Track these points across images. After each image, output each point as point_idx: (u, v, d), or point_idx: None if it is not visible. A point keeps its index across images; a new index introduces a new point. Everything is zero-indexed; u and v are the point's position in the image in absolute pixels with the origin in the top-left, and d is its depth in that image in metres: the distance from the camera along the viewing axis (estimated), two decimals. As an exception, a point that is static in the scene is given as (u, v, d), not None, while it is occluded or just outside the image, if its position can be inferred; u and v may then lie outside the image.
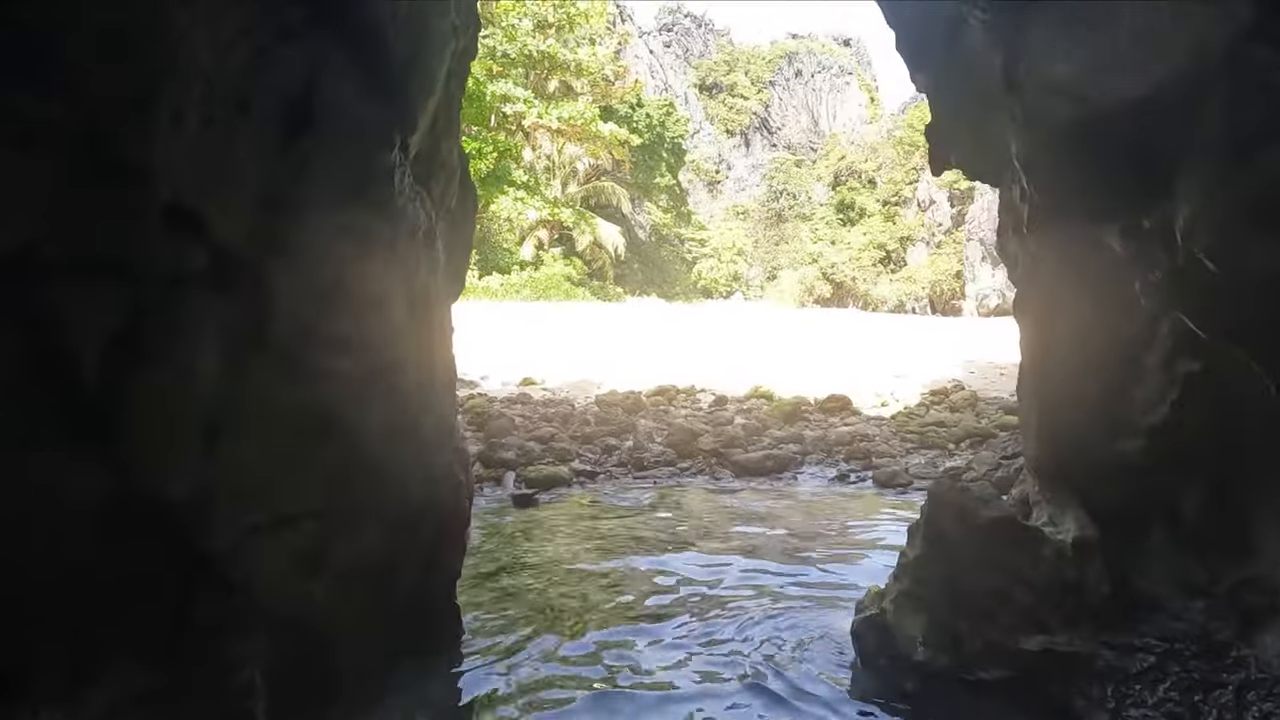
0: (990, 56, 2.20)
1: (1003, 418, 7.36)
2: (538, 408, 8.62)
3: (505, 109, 28.02)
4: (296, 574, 2.20)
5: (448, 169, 3.07)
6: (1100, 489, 2.53)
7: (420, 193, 2.64)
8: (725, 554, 3.82)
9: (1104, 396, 2.47)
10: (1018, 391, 3.01)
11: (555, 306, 23.92)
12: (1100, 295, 2.42)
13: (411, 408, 2.51)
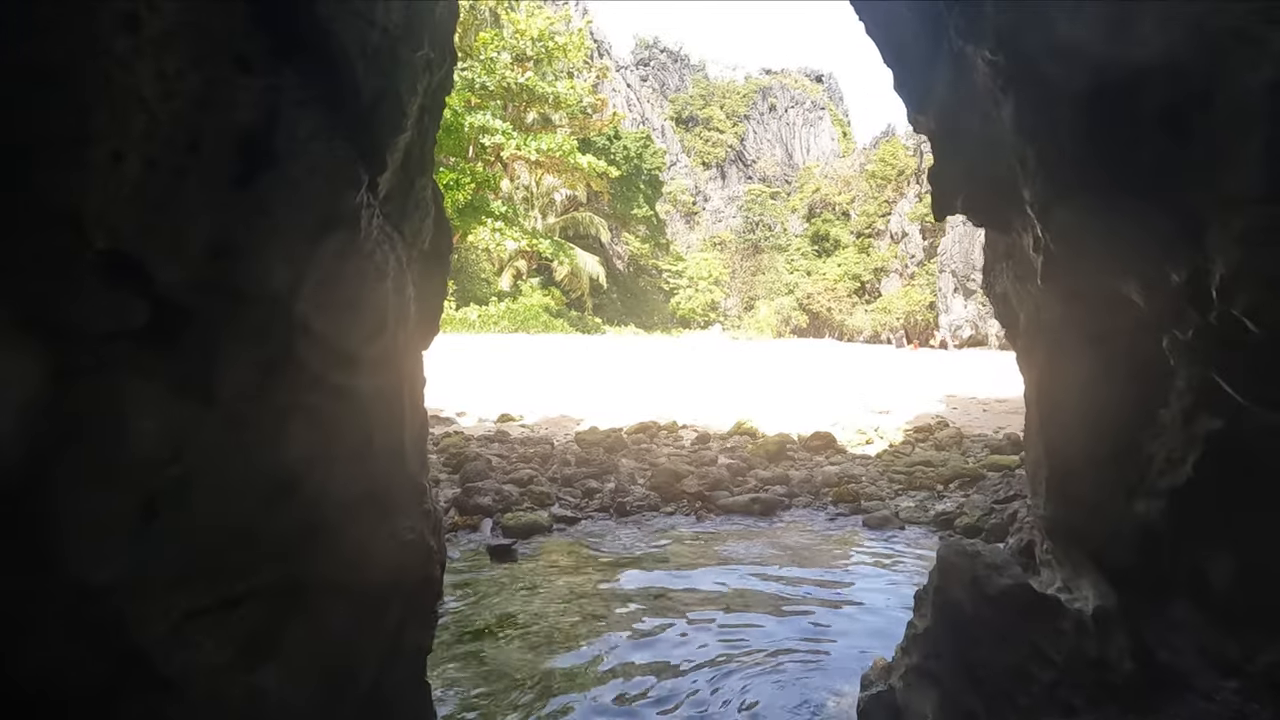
0: (999, 100, 2.09)
1: (990, 457, 7.26)
2: (516, 446, 8.36)
3: (484, 140, 28.05)
4: (242, 665, 1.95)
5: (421, 208, 2.88)
6: (1118, 553, 2.37)
7: (390, 235, 2.45)
8: (716, 610, 3.60)
9: (1118, 455, 2.32)
10: (1024, 444, 2.86)
11: (533, 339, 23.70)
12: (1114, 349, 2.29)
13: (379, 469, 2.28)
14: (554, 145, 28.03)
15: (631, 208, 53.69)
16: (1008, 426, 8.77)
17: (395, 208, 2.70)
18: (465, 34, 30.54)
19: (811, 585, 3.94)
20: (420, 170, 2.92)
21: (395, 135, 2.37)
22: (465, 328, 24.75)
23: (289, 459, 2.06)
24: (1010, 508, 5.13)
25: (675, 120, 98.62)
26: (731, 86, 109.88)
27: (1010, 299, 4.16)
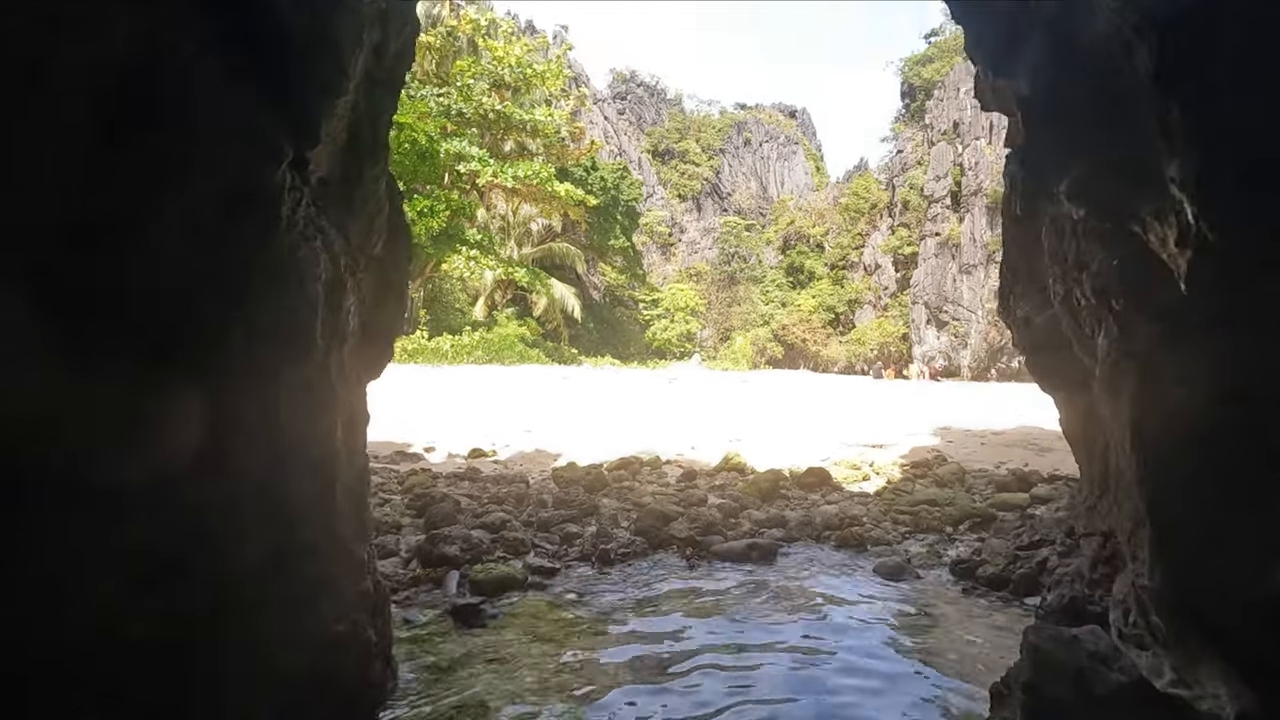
0: (1132, 45, 1.62)
1: (997, 495, 6.81)
2: (488, 485, 7.72)
3: (459, 168, 27.61)
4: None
5: (372, 203, 2.34)
6: (1255, 641, 1.87)
7: (325, 231, 1.90)
8: (724, 691, 3.01)
9: (1261, 517, 1.83)
10: (1116, 491, 2.36)
11: (508, 370, 23.02)
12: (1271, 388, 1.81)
13: (298, 539, 1.70)
14: (531, 172, 27.68)
15: (608, 238, 53.61)
16: (1008, 461, 8.36)
17: (336, 199, 2.15)
18: (443, 61, 30.32)
19: (834, 655, 3.38)
20: (372, 158, 2.37)
21: (332, 97, 1.83)
22: (438, 358, 23.99)
23: (166, 536, 1.48)
24: (1037, 555, 4.63)
25: (652, 153, 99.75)
26: (707, 120, 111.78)
27: (1058, 322, 3.69)
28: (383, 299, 2.50)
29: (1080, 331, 3.09)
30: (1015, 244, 5.08)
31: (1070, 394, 4.81)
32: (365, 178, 2.27)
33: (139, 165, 1.48)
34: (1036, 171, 2.22)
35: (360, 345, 2.27)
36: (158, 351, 1.48)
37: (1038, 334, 4.87)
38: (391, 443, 10.26)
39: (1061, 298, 3.20)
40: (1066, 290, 3.14)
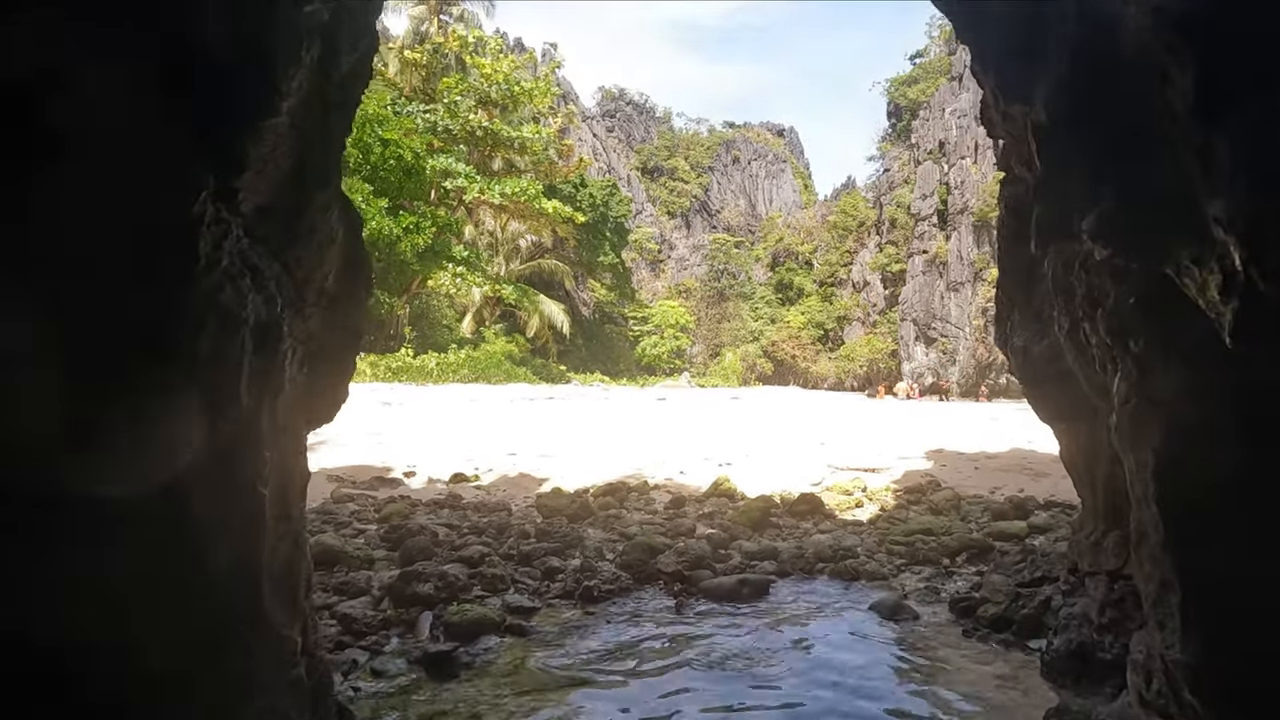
0: (1172, 71, 1.44)
1: (994, 524, 6.62)
2: (468, 514, 7.45)
3: (446, 184, 27.46)
4: None
5: (319, 234, 2.12)
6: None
7: (258, 268, 1.68)
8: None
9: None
10: (1138, 550, 2.16)
11: (494, 390, 22.74)
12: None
13: (211, 627, 1.46)
14: (518, 189, 27.57)
15: (597, 255, 53.60)
16: (1003, 487, 8.18)
17: (278, 228, 1.94)
18: (430, 78, 30.26)
19: (829, 709, 3.15)
20: (321, 183, 2.16)
21: (261, 117, 1.62)
22: (423, 376, 23.66)
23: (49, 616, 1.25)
24: (1040, 594, 4.43)
25: (641, 170, 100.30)
26: (696, 138, 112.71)
27: (1057, 351, 3.52)
28: (334, 337, 2.28)
29: (1088, 369, 2.91)
30: (1012, 270, 4.92)
31: (1071, 425, 4.63)
32: (313, 205, 2.06)
33: (40, 200, 1.26)
34: (1056, 204, 2.04)
35: (305, 392, 2.05)
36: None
37: (1036, 363, 4.69)
38: (370, 467, 9.97)
39: (1067, 331, 3.03)
40: (1073, 324, 2.96)
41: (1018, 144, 2.65)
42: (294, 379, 1.87)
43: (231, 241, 1.61)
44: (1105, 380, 2.72)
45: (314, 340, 2.19)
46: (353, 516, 7.31)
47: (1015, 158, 3.59)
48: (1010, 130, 2.26)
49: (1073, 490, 8.05)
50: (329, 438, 11.98)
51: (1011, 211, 4.98)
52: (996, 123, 2.74)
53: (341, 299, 2.38)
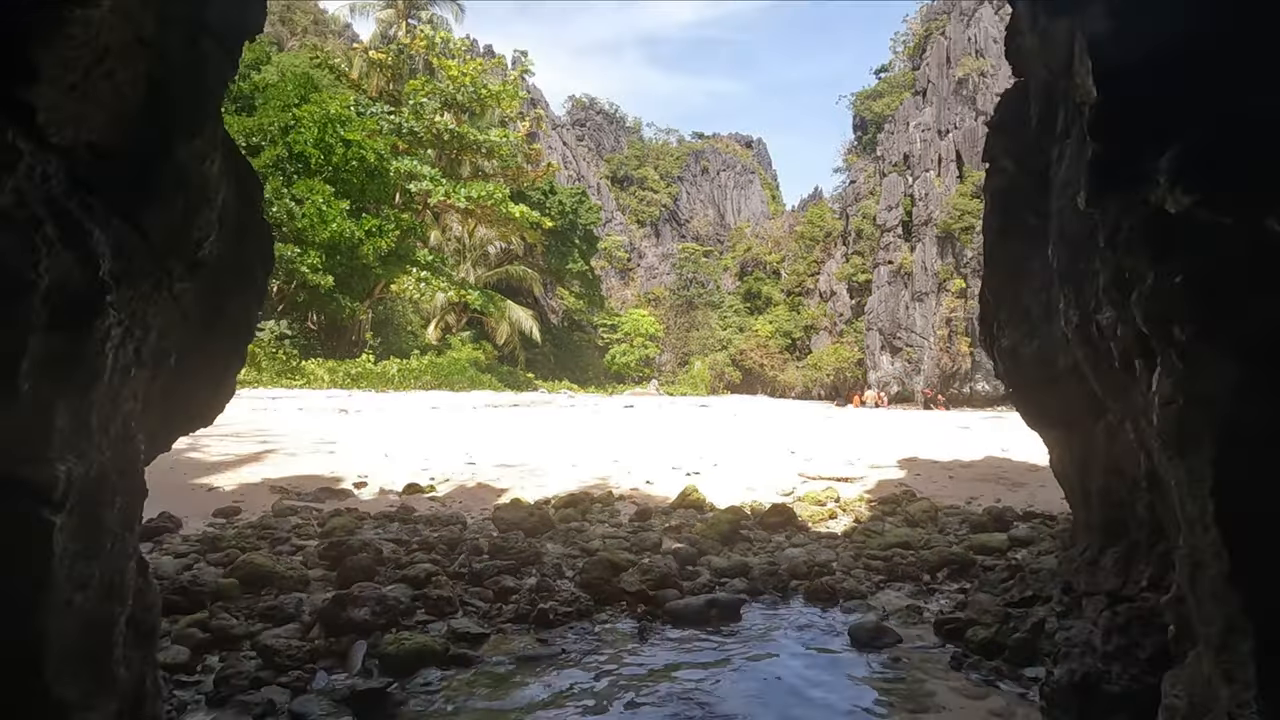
0: None
1: (974, 536, 6.35)
2: (419, 528, 6.95)
3: (410, 187, 26.78)
4: None
5: (193, 191, 1.68)
6: None
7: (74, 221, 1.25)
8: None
9: None
10: (1185, 577, 1.81)
11: (457, 397, 22.10)
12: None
13: None
14: (484, 193, 27.01)
15: (566, 262, 53.24)
16: (980, 497, 7.94)
17: (116, 177, 1.51)
18: (395, 80, 29.59)
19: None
20: (189, 124, 1.72)
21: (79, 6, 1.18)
22: (383, 383, 22.92)
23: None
24: (1032, 615, 4.11)
25: (611, 179, 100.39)
26: (665, 148, 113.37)
27: (1050, 353, 3.20)
28: (213, 320, 1.83)
29: (1101, 367, 2.59)
30: (998, 267, 4.62)
31: (1063, 432, 4.32)
32: (175, 153, 1.62)
33: None
34: (1116, 146, 1.69)
35: (169, 389, 1.60)
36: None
37: (1026, 366, 4.38)
38: (319, 477, 9.37)
39: (1076, 325, 2.70)
40: (1083, 317, 2.64)
41: (1053, 80, 2.29)
42: (141, 369, 1.43)
43: (25, 178, 1.18)
44: (1125, 380, 2.40)
45: (187, 325, 1.74)
46: (293, 531, 6.75)
47: (1040, 100, 3.27)
48: (1048, 60, 1.93)
49: (1051, 500, 7.83)
50: (276, 446, 11.34)
51: (997, 205, 4.69)
52: (1027, 52, 2.39)
53: (225, 276, 1.93)
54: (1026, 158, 4.41)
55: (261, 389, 18.42)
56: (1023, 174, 4.44)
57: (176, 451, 10.30)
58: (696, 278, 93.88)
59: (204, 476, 8.98)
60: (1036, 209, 4.37)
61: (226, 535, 6.44)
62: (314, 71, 27.88)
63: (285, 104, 24.64)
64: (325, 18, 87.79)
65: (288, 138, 24.07)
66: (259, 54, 26.97)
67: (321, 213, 23.06)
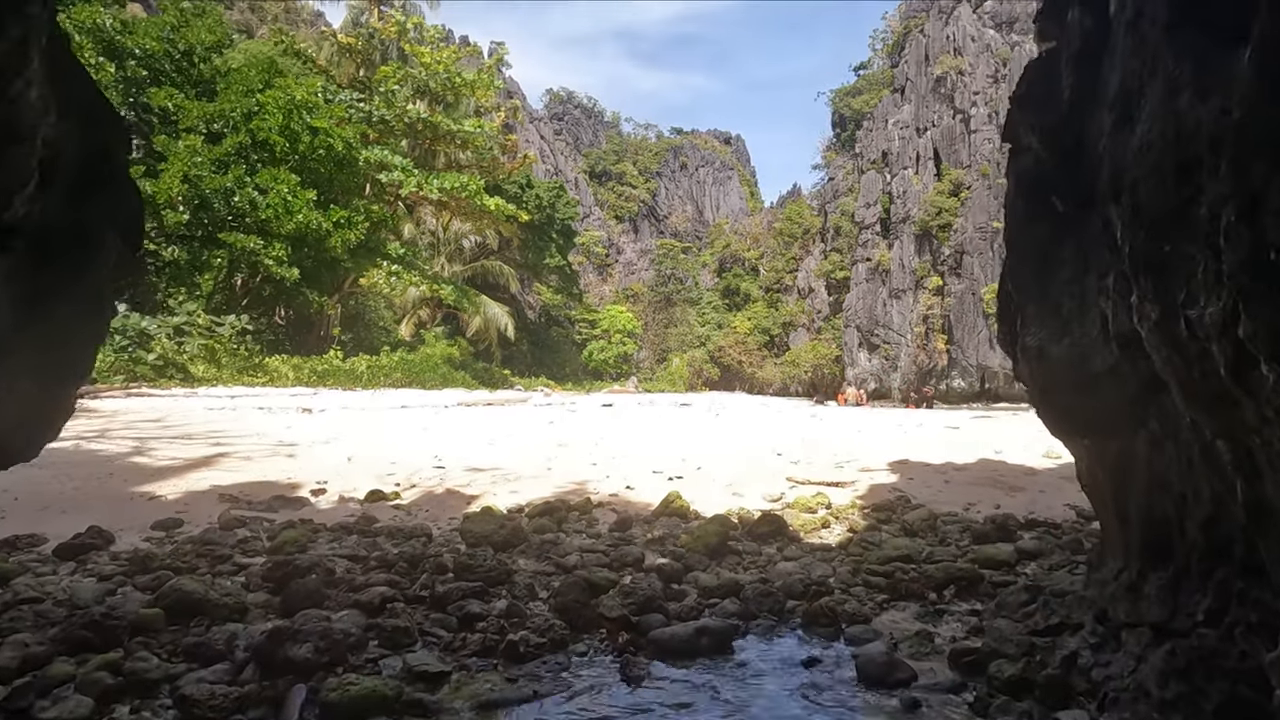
0: None
1: (977, 548, 5.94)
2: (379, 541, 6.39)
3: (381, 177, 25.91)
4: None
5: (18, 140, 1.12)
6: None
7: None
8: None
9: None
10: None
11: (428, 395, 21.36)
12: None
13: None
14: (458, 185, 26.21)
15: (544, 257, 52.57)
16: (978, 502, 7.55)
17: None
18: (364, 66, 28.64)
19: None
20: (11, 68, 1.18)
21: None
22: (351, 381, 22.11)
23: None
24: (1061, 646, 3.67)
25: (589, 174, 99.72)
26: (644, 144, 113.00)
27: (1084, 353, 2.76)
28: (38, 309, 1.28)
29: (1192, 373, 2.12)
30: (1024, 256, 4.15)
31: (1099, 442, 3.88)
32: None
33: None
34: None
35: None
36: None
37: (1055, 368, 3.93)
38: (274, 484, 8.72)
39: (1155, 323, 2.24)
40: (1166, 313, 2.18)
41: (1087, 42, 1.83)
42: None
43: None
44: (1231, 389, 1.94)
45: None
46: (238, 547, 6.14)
47: (1079, 66, 2.81)
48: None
49: (1052, 506, 7.42)
50: (231, 449, 10.65)
51: (1022, 188, 4.23)
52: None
53: (59, 247, 1.37)
54: (1059, 134, 3.95)
55: (221, 387, 17.56)
56: (1052, 153, 3.98)
57: (118, 456, 9.58)
58: (675, 274, 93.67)
59: (146, 484, 8.30)
60: (1068, 192, 3.90)
61: (161, 553, 5.81)
62: (280, 58, 26.80)
63: (249, 89, 23.63)
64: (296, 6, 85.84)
65: (251, 124, 23.08)
66: (220, 36, 25.87)
67: (287, 203, 22.15)
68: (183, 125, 24.04)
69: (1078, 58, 3.76)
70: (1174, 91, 2.12)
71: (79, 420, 12.57)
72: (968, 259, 67.24)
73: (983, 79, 71.26)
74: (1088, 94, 3.69)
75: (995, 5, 76.91)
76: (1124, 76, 2.77)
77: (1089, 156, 3.64)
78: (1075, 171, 3.74)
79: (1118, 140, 2.94)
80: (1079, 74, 3.75)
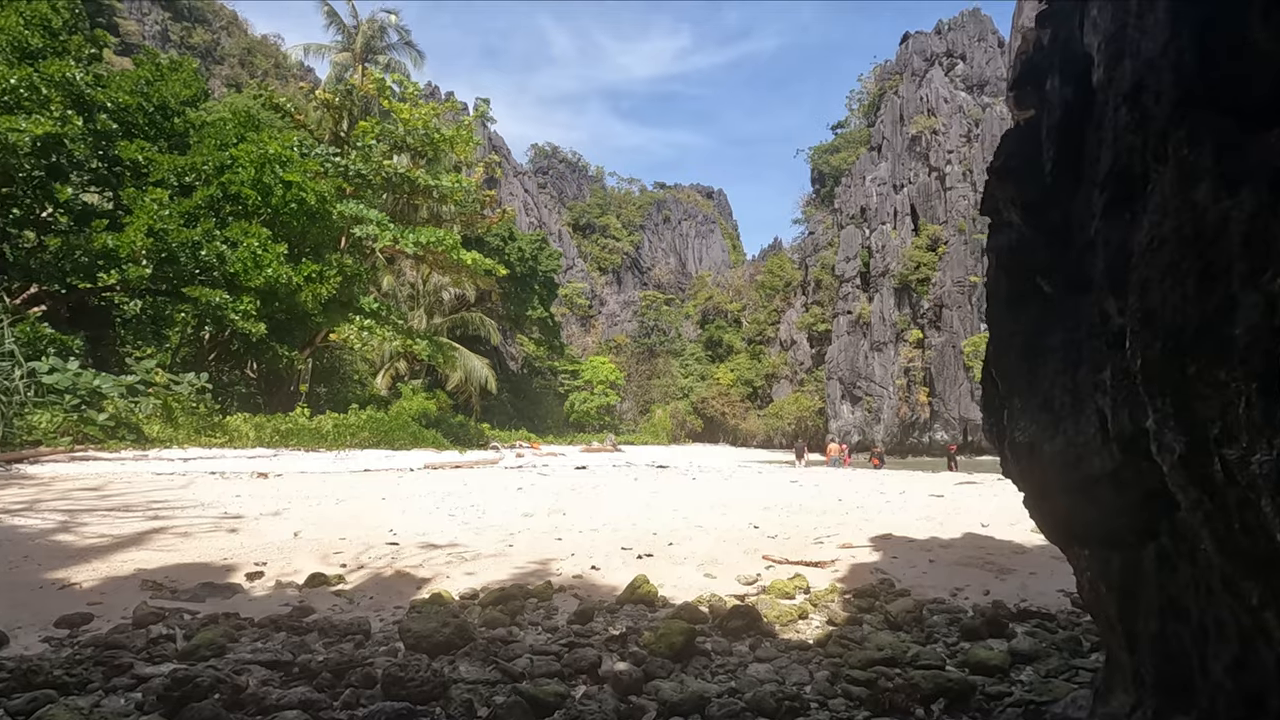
0: None
1: (967, 647, 5.42)
2: (309, 641, 5.74)
3: (356, 230, 25.63)
4: None
5: None
6: None
7: None
8: None
9: None
10: None
11: (396, 456, 20.59)
12: None
13: None
14: (435, 239, 25.98)
15: (526, 309, 52.38)
16: (965, 586, 7.04)
17: None
18: (342, 122, 28.70)
19: None
20: None
21: None
22: (316, 440, 21.30)
23: None
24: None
25: (573, 226, 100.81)
26: (628, 197, 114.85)
27: (1083, 452, 2.36)
28: None
29: (1233, 521, 1.70)
30: (1008, 342, 3.76)
31: (1099, 554, 3.42)
32: None
33: None
34: None
35: None
36: None
37: (1048, 469, 3.50)
38: (207, 566, 8.03)
39: (1180, 458, 1.81)
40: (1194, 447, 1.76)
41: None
42: None
43: None
44: None
45: None
46: (144, 652, 5.45)
47: (1061, 137, 2.47)
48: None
49: (1045, 592, 6.90)
50: (169, 523, 9.93)
51: (1003, 267, 3.86)
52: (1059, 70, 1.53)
53: None
54: (1044, 211, 3.61)
55: (176, 449, 16.73)
56: (1036, 231, 3.63)
57: (40, 533, 8.74)
58: (658, 325, 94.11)
59: (64, 568, 7.58)
60: (1054, 273, 3.54)
61: (55, 660, 5.12)
62: (260, 112, 26.74)
63: (223, 142, 23.45)
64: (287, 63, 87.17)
65: (223, 177, 22.81)
66: (195, 90, 25.81)
67: (257, 257, 21.71)
68: (153, 178, 23.68)
69: (1059, 129, 3.46)
70: (1190, 180, 1.74)
71: (9, 489, 11.77)
72: (947, 312, 68.00)
73: (956, 138, 73.49)
74: (1072, 169, 3.37)
75: (966, 69, 79.86)
76: (1119, 155, 2.41)
77: (1077, 238, 3.29)
78: (1063, 253, 3.39)
79: (1113, 225, 2.57)
80: (1062, 147, 3.44)
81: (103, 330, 26.81)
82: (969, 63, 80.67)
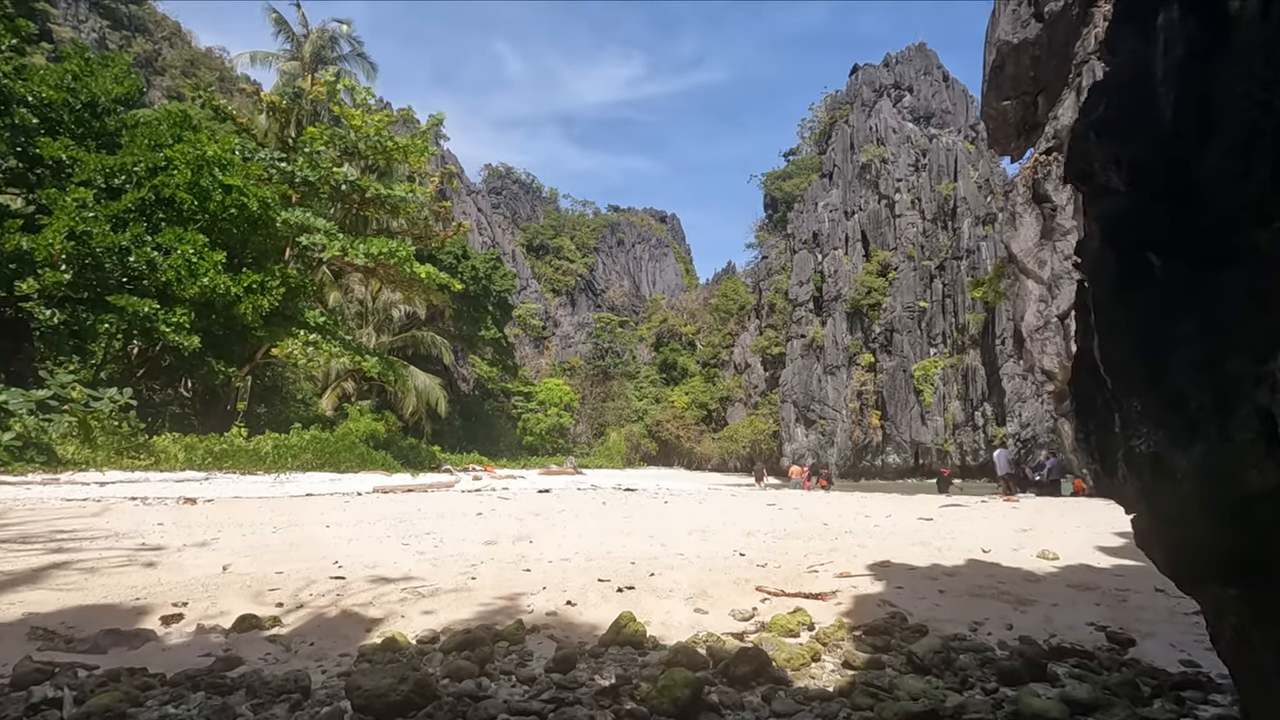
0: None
1: (1011, 695, 4.76)
2: (231, 703, 4.71)
3: (302, 240, 24.22)
4: None
5: None
6: None
7: None
8: None
9: None
10: None
11: (342, 479, 19.17)
12: None
13: None
14: (386, 250, 24.73)
15: (479, 329, 51.07)
16: (985, 620, 6.41)
17: None
18: (289, 126, 27.35)
19: None
20: None
21: None
22: (255, 463, 19.71)
23: None
24: None
25: (526, 247, 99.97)
26: (581, 219, 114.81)
27: (1231, 466, 1.51)
28: None
29: None
30: (1120, 329, 3.09)
31: (1255, 592, 2.75)
32: None
33: None
34: None
35: None
36: None
37: (1182, 486, 2.84)
38: (114, 608, 6.83)
39: None
40: None
41: None
42: None
43: None
44: None
45: None
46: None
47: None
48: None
49: (1074, 626, 6.27)
50: (74, 556, 8.62)
51: (1110, 241, 3.20)
52: None
53: None
54: (1158, 171, 2.98)
55: (93, 472, 15.10)
56: (1148, 197, 3.00)
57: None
58: (612, 347, 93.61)
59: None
60: (1179, 246, 2.91)
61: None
62: (197, 113, 25.20)
63: (157, 143, 21.87)
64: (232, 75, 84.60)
65: (155, 180, 21.22)
66: (129, 88, 24.14)
67: (192, 265, 20.15)
68: (77, 178, 21.87)
69: (1180, 71, 2.85)
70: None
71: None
72: (897, 336, 69.25)
73: (905, 167, 75.56)
74: (1201, 120, 2.77)
75: (913, 100, 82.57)
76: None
77: (1211, 204, 2.68)
78: (1191, 221, 2.77)
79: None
80: (1185, 93, 2.84)
81: (18, 344, 24.62)
82: (916, 95, 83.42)
